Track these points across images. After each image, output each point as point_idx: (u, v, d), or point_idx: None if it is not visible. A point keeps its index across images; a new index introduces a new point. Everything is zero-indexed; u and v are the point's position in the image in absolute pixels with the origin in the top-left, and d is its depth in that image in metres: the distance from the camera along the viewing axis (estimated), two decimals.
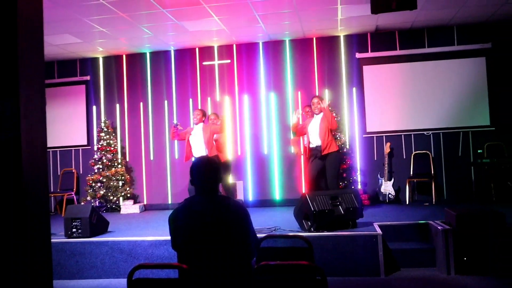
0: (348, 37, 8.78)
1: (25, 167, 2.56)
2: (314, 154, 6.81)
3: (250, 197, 8.84)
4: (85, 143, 9.49)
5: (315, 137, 6.75)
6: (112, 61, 9.49)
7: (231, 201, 2.88)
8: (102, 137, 9.08)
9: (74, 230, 5.84)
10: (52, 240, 2.85)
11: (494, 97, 8.26)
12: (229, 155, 7.84)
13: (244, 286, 2.76)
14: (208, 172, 2.89)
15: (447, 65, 8.45)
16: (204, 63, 9.19)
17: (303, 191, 8.42)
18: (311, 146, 6.86)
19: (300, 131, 7.06)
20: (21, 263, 2.50)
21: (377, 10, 4.75)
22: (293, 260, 3.06)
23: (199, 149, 7.03)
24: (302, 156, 8.10)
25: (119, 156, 9.21)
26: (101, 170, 8.90)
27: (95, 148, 9.22)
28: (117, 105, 9.44)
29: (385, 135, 8.59)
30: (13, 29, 2.57)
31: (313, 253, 3.30)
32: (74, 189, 9.18)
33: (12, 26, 2.56)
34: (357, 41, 8.77)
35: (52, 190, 9.05)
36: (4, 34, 2.53)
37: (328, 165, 6.65)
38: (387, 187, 8.10)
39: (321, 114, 6.74)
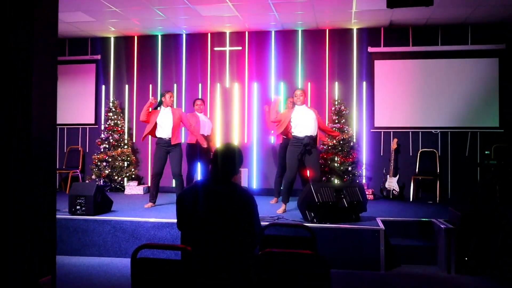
0: (361, 31, 8.73)
1: (34, 141, 2.57)
2: (297, 144, 6.45)
3: (254, 185, 8.85)
4: (93, 122, 9.51)
5: (306, 128, 6.45)
6: (123, 41, 9.48)
7: (238, 188, 2.89)
8: (109, 117, 9.11)
9: (78, 207, 5.89)
10: (56, 216, 2.87)
11: (505, 98, 8.20)
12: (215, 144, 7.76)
13: (246, 272, 2.78)
14: (226, 159, 2.92)
15: (460, 64, 8.39)
16: (216, 48, 9.16)
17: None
18: (298, 135, 6.47)
19: (279, 121, 6.69)
20: (26, 237, 2.52)
21: (393, 4, 4.72)
22: (296, 248, 3.07)
23: (165, 132, 6.82)
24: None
25: (126, 136, 9.23)
26: (107, 149, 8.94)
27: (102, 128, 9.25)
28: (126, 86, 9.44)
29: (393, 131, 8.56)
30: (30, 3, 2.56)
31: (317, 243, 3.30)
32: (80, 167, 9.23)
33: (29, 1, 2.56)
34: (370, 35, 8.71)
35: (58, 167, 9.09)
36: (21, 9, 2.52)
37: (315, 157, 6.51)
38: (391, 183, 8.08)
39: (304, 105, 6.59)
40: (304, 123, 6.42)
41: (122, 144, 9.06)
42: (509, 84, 8.19)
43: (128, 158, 8.98)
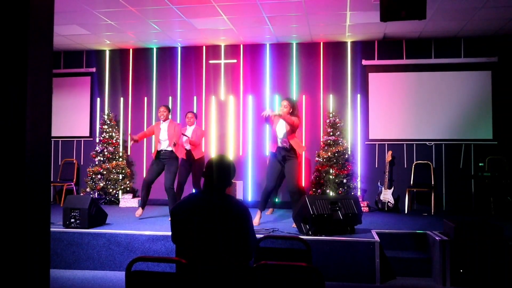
0: (355, 44, 8.80)
1: (28, 154, 2.56)
2: (274, 154, 6.34)
3: (250, 198, 8.84)
4: (87, 134, 9.50)
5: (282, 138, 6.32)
6: (119, 54, 9.51)
7: (233, 200, 2.89)
8: (104, 130, 9.10)
9: (72, 220, 5.86)
10: (50, 229, 2.85)
11: (498, 111, 8.26)
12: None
13: (241, 285, 2.77)
14: (220, 171, 2.92)
15: (453, 77, 8.46)
16: (211, 61, 9.21)
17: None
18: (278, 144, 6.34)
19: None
20: (20, 251, 2.50)
21: (386, 18, 4.75)
22: (291, 261, 3.07)
23: (164, 146, 6.89)
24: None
25: (121, 149, 9.22)
26: (102, 162, 8.92)
27: (97, 140, 9.24)
28: (121, 99, 9.45)
29: (387, 143, 8.60)
30: (25, 16, 2.58)
31: (311, 256, 3.30)
32: (74, 180, 9.20)
33: (24, 13, 2.57)
34: (364, 48, 8.78)
35: (52, 180, 9.05)
36: (16, 21, 2.54)
37: (290, 167, 6.27)
38: (386, 195, 8.09)
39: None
40: (280, 133, 6.32)
41: (117, 157, 9.04)
42: (502, 96, 8.26)
43: (123, 171, 8.96)
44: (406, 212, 8.06)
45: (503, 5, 6.77)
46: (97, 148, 9.09)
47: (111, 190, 8.84)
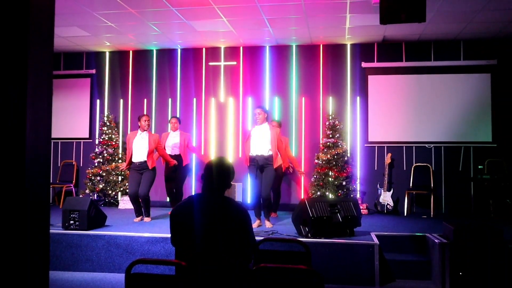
0: (355, 46, 8.80)
1: (28, 155, 2.56)
2: (251, 163, 6.44)
3: (249, 200, 8.82)
4: (87, 136, 9.50)
5: (259, 147, 6.38)
6: (118, 56, 9.51)
7: (233, 203, 2.89)
8: (104, 131, 9.10)
9: (71, 222, 5.85)
10: (49, 231, 2.85)
11: (497, 113, 8.27)
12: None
13: (240, 286, 2.77)
14: (220, 173, 2.93)
15: (452, 80, 8.47)
16: (210, 63, 9.21)
17: (302, 197, 8.44)
18: (251, 154, 6.42)
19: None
20: (19, 253, 2.50)
21: (386, 20, 4.76)
22: (291, 263, 3.07)
23: (140, 158, 6.89)
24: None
25: (120, 151, 9.21)
26: (101, 164, 8.91)
27: (97, 142, 9.24)
28: (121, 100, 9.45)
29: (387, 146, 8.60)
30: (25, 17, 2.58)
31: (311, 258, 3.30)
32: (73, 182, 9.19)
33: (24, 15, 2.58)
34: (363, 51, 8.79)
35: (51, 181, 9.04)
36: (16, 22, 2.54)
37: (266, 175, 6.37)
38: (386, 198, 8.10)
39: (264, 124, 6.45)
40: (257, 142, 6.38)
41: (116, 159, 9.03)
42: (501, 99, 8.27)
43: (122, 173, 8.95)
44: (405, 214, 8.06)
45: (502, 7, 6.78)
46: (96, 149, 9.08)
47: (110, 192, 8.83)
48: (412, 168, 8.47)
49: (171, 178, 7.56)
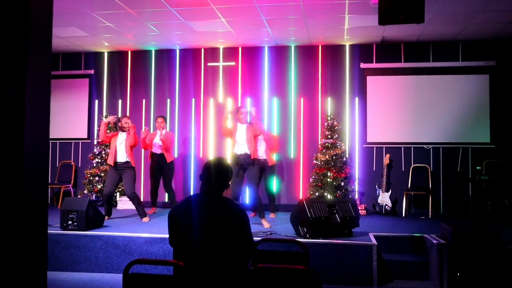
0: (354, 47, 8.81)
1: (27, 156, 2.56)
2: (234, 161, 6.76)
3: (247, 200, 8.82)
4: (85, 136, 9.49)
5: (242, 146, 6.78)
6: (117, 56, 9.50)
7: (231, 204, 2.89)
8: None
9: (70, 222, 5.85)
10: (47, 231, 2.85)
11: (496, 114, 8.28)
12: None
13: (238, 287, 2.77)
14: (218, 173, 2.92)
15: (451, 80, 8.47)
16: (209, 64, 9.21)
17: (301, 197, 8.44)
18: (236, 152, 6.83)
19: (230, 134, 7.04)
20: (18, 253, 2.50)
21: (385, 21, 4.76)
22: (289, 264, 3.07)
23: (121, 158, 7.05)
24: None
25: None
26: (99, 164, 8.90)
27: (95, 142, 9.23)
28: (120, 101, 9.44)
29: (385, 147, 8.61)
30: (24, 18, 2.58)
31: (309, 259, 3.30)
32: (72, 182, 9.19)
33: (24, 16, 2.57)
34: (362, 51, 8.79)
35: (50, 182, 9.03)
36: (16, 23, 2.54)
37: (251, 173, 6.74)
38: (384, 198, 8.10)
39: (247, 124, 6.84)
40: (241, 141, 6.74)
41: None
42: (500, 100, 8.28)
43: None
44: (403, 215, 8.06)
45: (501, 9, 6.79)
46: (95, 150, 9.07)
47: None
48: (411, 169, 8.48)
49: (157, 177, 7.70)
